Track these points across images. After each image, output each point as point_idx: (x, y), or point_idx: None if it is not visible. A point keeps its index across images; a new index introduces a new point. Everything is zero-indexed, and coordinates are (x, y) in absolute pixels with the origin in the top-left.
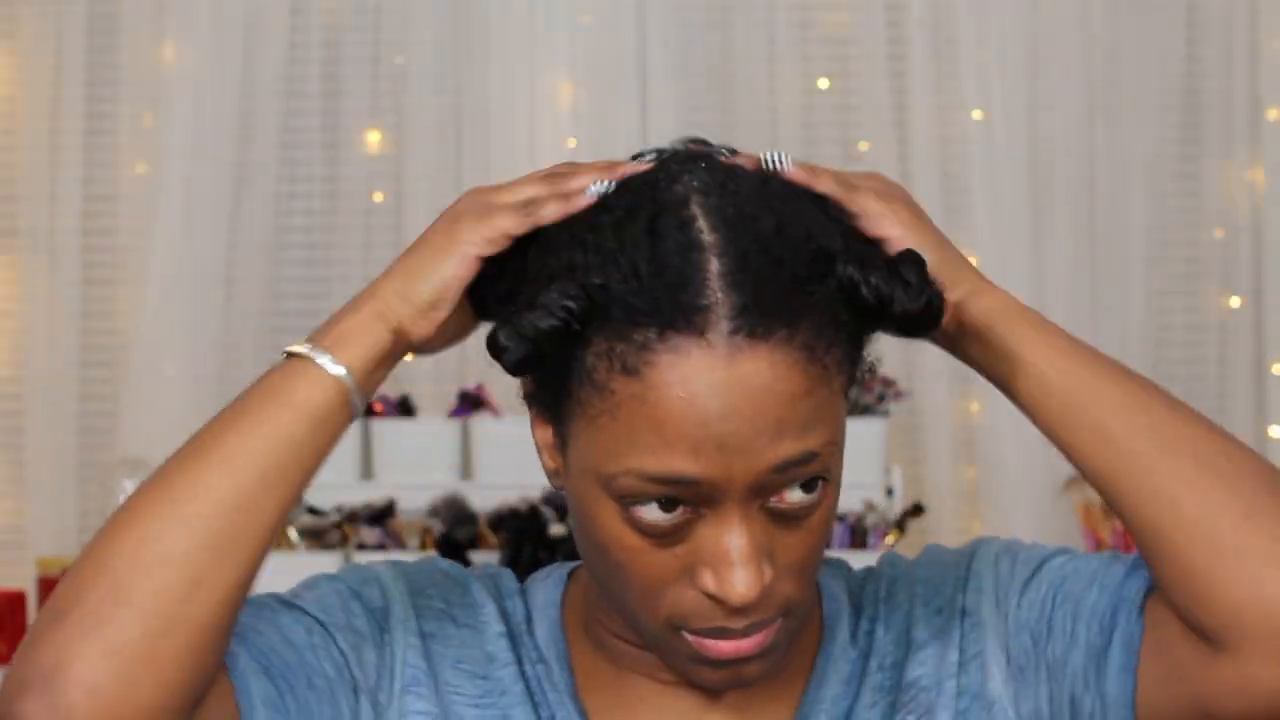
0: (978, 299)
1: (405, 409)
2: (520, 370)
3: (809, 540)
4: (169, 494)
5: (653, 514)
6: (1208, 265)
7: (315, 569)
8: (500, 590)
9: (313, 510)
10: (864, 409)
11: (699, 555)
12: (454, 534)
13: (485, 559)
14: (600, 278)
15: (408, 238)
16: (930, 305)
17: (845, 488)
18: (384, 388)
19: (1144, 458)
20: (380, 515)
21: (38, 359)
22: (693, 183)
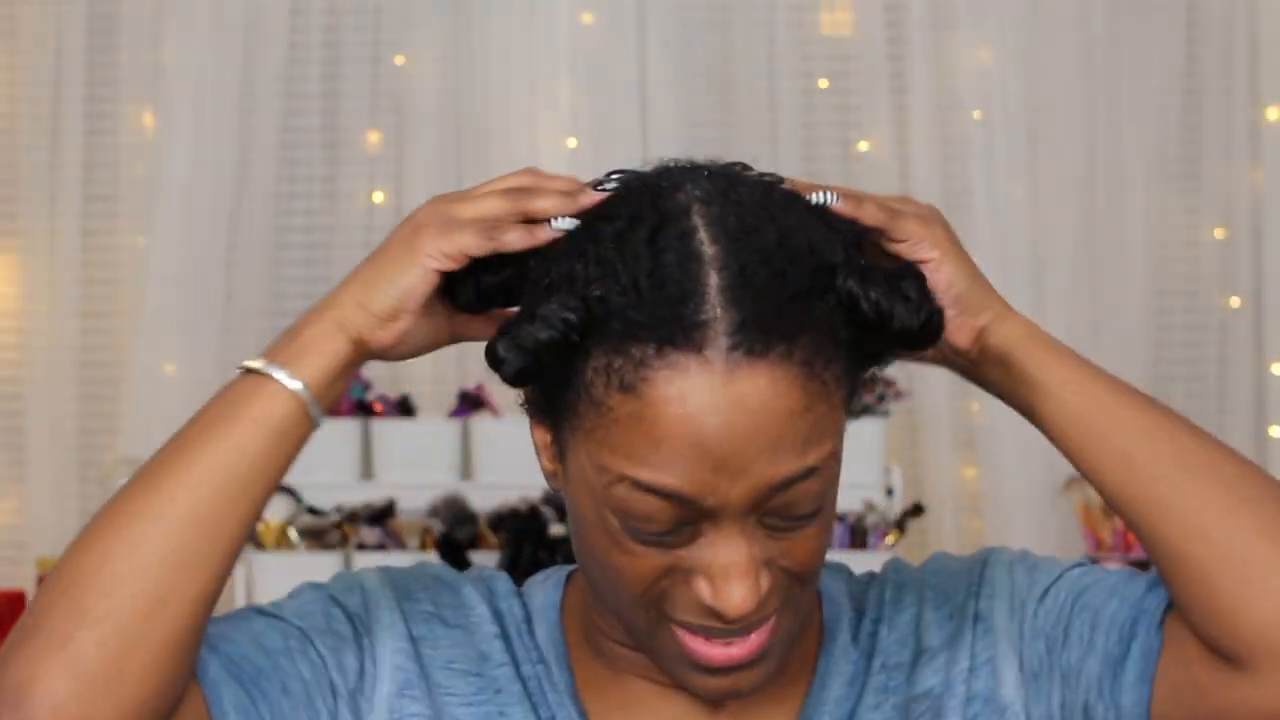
0: (1001, 325)
1: (405, 409)
2: (518, 381)
3: (808, 546)
4: (128, 513)
5: (649, 525)
6: (1208, 265)
7: (315, 569)
8: (494, 592)
9: (313, 510)
10: (864, 409)
11: (695, 563)
12: (454, 534)
13: (485, 559)
14: (600, 290)
15: None
16: (929, 321)
17: (845, 488)
18: (384, 387)
19: (1167, 483)
20: (380, 515)
21: (38, 359)
22: (695, 191)
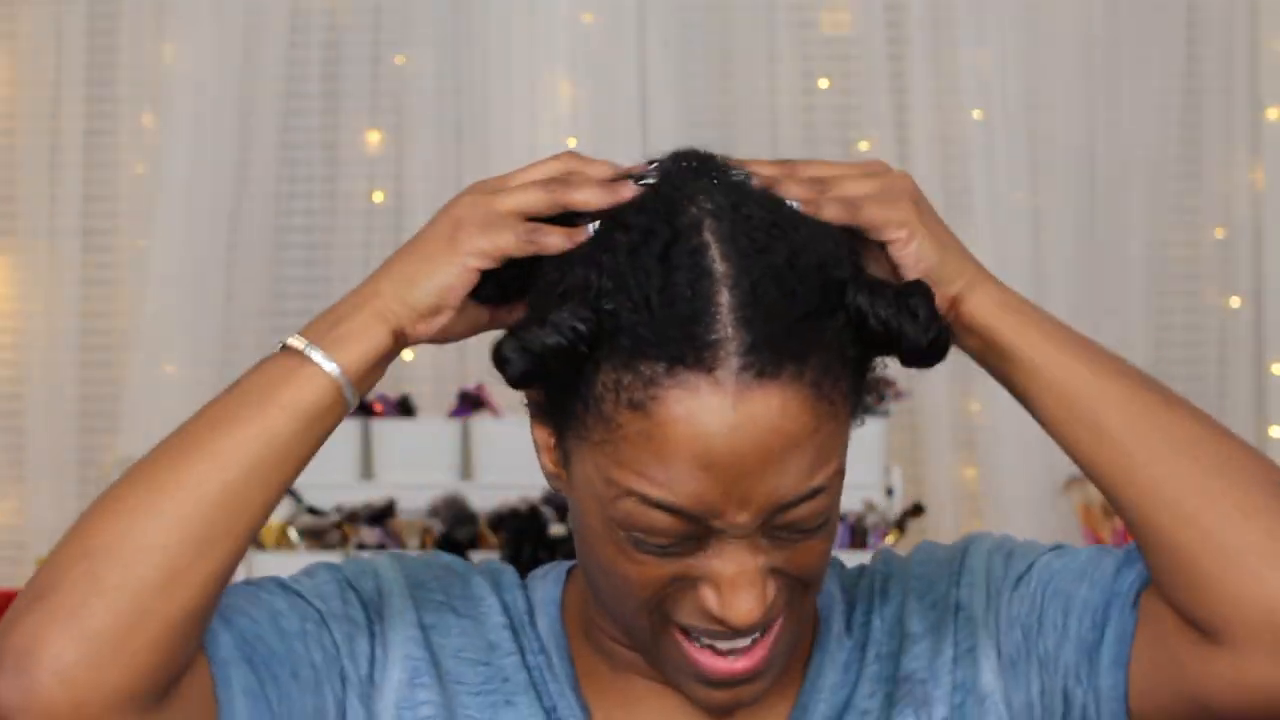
0: (973, 294)
1: (405, 409)
2: (522, 384)
3: (813, 553)
4: (154, 486)
5: (656, 538)
6: (1208, 265)
7: None
8: (501, 584)
9: (313, 510)
10: (864, 409)
11: (702, 571)
12: (454, 534)
13: (485, 559)
14: (611, 303)
15: (407, 238)
16: (937, 339)
17: (846, 488)
18: (384, 387)
19: (1142, 454)
20: (380, 515)
21: (38, 359)
22: (706, 205)
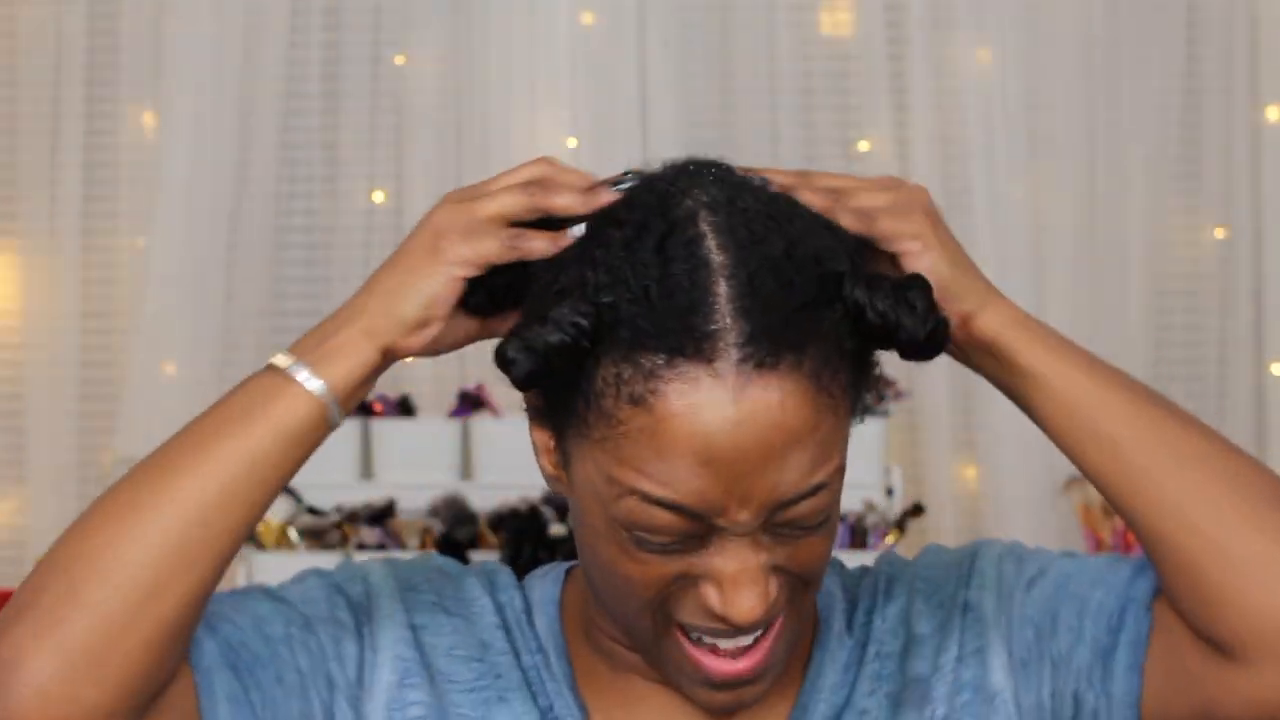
0: (985, 312)
1: (405, 409)
2: (527, 384)
3: (814, 551)
4: (136, 503)
5: (658, 536)
6: (1208, 265)
7: None
8: (495, 584)
9: (313, 510)
10: (864, 409)
11: (704, 570)
12: (454, 534)
13: (485, 559)
14: (610, 297)
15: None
16: (935, 331)
17: (846, 488)
18: (384, 387)
19: (1153, 469)
20: (380, 515)
21: (37, 359)
22: (702, 198)
